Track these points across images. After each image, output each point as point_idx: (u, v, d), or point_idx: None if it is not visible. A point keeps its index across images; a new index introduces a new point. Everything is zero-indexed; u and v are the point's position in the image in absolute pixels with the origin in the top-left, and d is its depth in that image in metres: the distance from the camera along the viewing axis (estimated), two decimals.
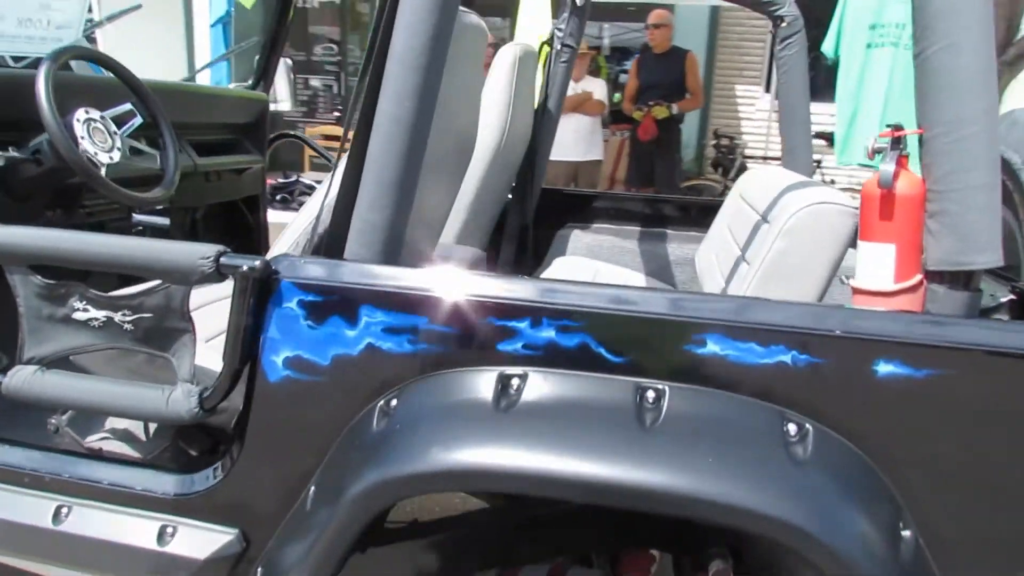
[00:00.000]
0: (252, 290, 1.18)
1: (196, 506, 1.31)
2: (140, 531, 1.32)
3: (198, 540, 1.30)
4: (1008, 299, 1.31)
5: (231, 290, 1.19)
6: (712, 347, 1.05)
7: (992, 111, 1.03)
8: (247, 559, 1.29)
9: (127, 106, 1.76)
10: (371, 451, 1.13)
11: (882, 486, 1.03)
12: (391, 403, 1.15)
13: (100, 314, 1.30)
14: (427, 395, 1.14)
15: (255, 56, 2.62)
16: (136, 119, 1.77)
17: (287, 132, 2.97)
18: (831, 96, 4.52)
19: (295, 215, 1.73)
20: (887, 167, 1.09)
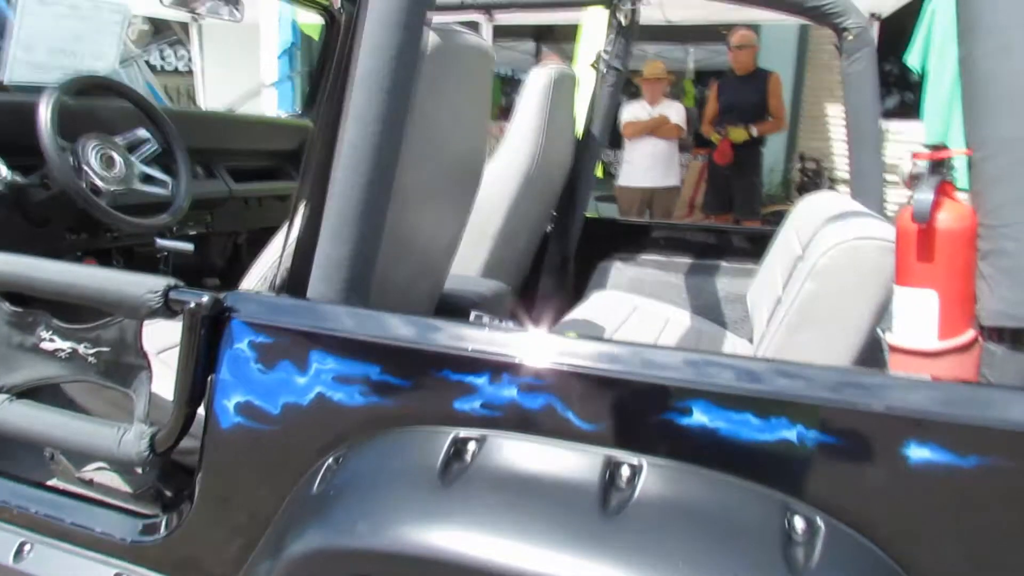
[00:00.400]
0: (201, 328, 1.09)
1: (152, 556, 1.22)
2: None
3: None
4: None
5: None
6: (699, 417, 0.87)
7: None
8: None
9: (142, 132, 1.74)
10: (311, 514, 1.00)
11: None
12: (339, 461, 1.02)
13: (66, 345, 1.24)
14: (375, 456, 1.00)
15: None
16: (151, 146, 1.75)
17: None
18: (918, 113, 4.14)
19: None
20: (923, 196, 0.88)
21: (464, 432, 0.96)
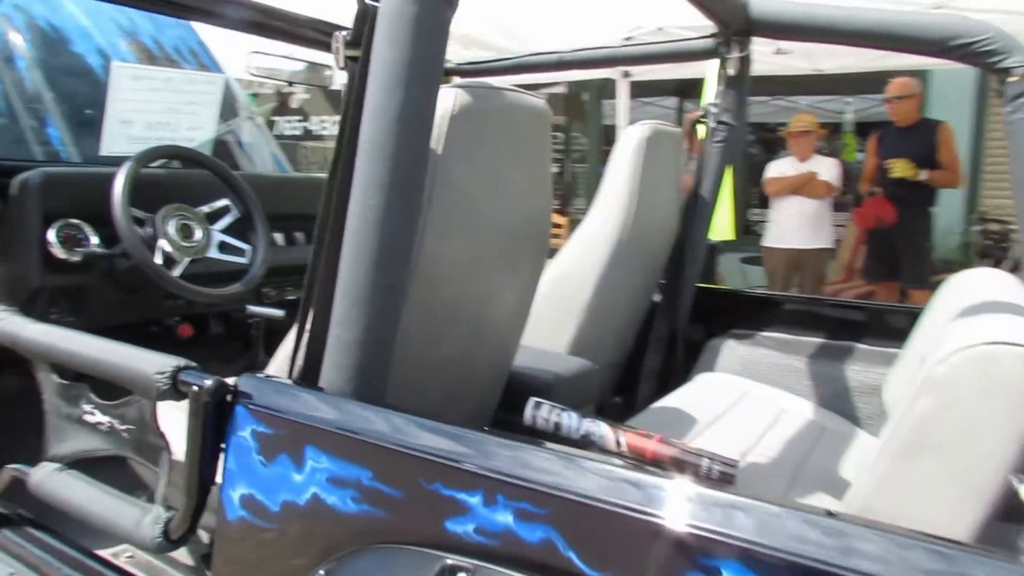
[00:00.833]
0: (206, 413, 1.01)
1: None
2: None
3: None
4: None
5: None
6: None
7: None
8: None
9: (224, 201, 1.76)
10: None
11: None
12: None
13: (104, 419, 1.22)
14: (360, 575, 0.87)
15: None
16: (232, 214, 1.77)
17: None
18: None
19: None
20: None
21: (453, 560, 0.80)
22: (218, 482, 1.03)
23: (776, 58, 4.34)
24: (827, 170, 4.64)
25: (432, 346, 1.20)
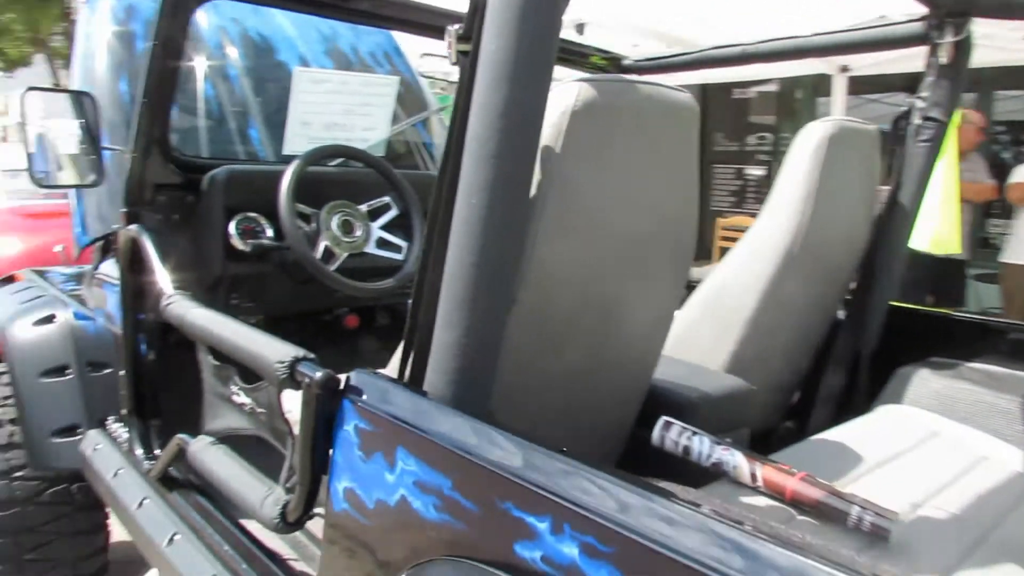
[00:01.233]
0: (317, 405, 1.04)
1: None
2: None
3: None
4: None
5: None
6: None
7: None
8: None
9: (386, 198, 1.83)
10: None
11: None
12: None
13: (247, 400, 1.31)
14: None
15: None
16: (393, 211, 1.83)
17: None
18: None
19: None
20: None
21: None
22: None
23: None
24: None
25: (548, 356, 1.15)
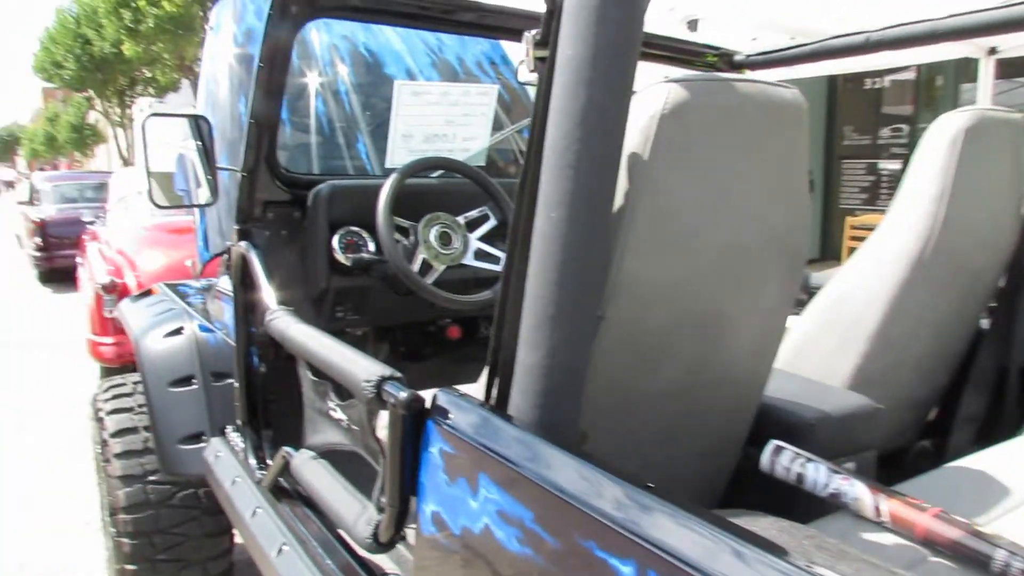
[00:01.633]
0: (403, 426, 1.03)
1: None
2: None
3: None
4: None
5: None
6: None
7: None
8: None
9: (484, 209, 1.81)
10: None
11: None
12: None
13: (343, 416, 1.32)
14: None
15: None
16: (489, 223, 1.81)
17: None
18: None
19: None
20: None
21: None
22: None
23: None
24: None
25: (642, 376, 1.08)
